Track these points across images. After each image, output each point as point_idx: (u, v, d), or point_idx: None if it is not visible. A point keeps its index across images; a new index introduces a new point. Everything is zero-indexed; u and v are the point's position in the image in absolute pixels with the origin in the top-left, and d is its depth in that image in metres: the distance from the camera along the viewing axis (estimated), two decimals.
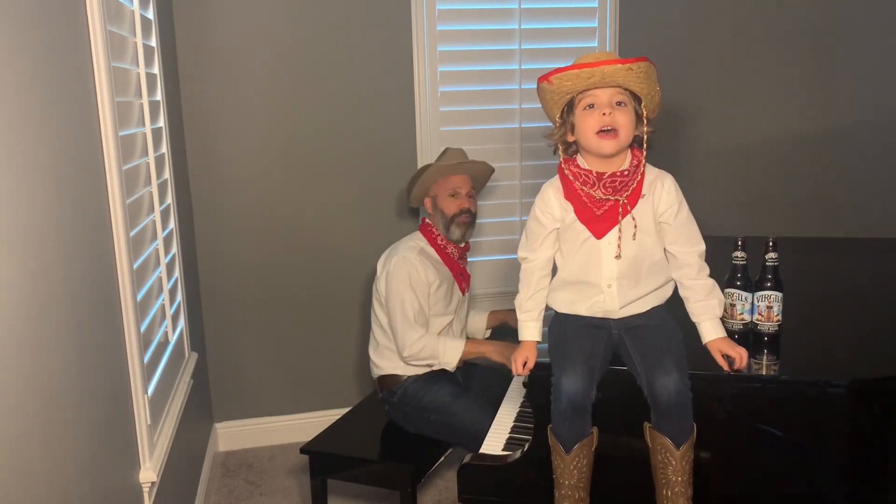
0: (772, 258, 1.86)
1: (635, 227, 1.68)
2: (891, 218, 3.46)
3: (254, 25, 2.90)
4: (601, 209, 1.69)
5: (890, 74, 3.40)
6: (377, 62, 3.01)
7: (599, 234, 1.70)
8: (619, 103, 1.65)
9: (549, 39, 3.10)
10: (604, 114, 1.64)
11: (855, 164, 3.46)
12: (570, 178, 1.71)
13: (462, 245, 2.63)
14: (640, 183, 1.70)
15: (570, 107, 1.70)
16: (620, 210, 1.68)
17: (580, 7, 3.13)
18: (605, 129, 1.64)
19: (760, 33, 3.30)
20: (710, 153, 3.35)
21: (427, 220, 2.62)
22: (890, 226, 3.41)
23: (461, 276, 2.64)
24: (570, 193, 1.72)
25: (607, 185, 1.68)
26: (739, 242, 1.88)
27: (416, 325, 2.45)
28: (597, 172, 1.69)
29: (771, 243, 1.87)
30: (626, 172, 1.69)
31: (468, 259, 2.76)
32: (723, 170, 3.37)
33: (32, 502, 1.16)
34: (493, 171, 2.74)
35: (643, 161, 1.71)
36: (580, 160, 1.73)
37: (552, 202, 1.74)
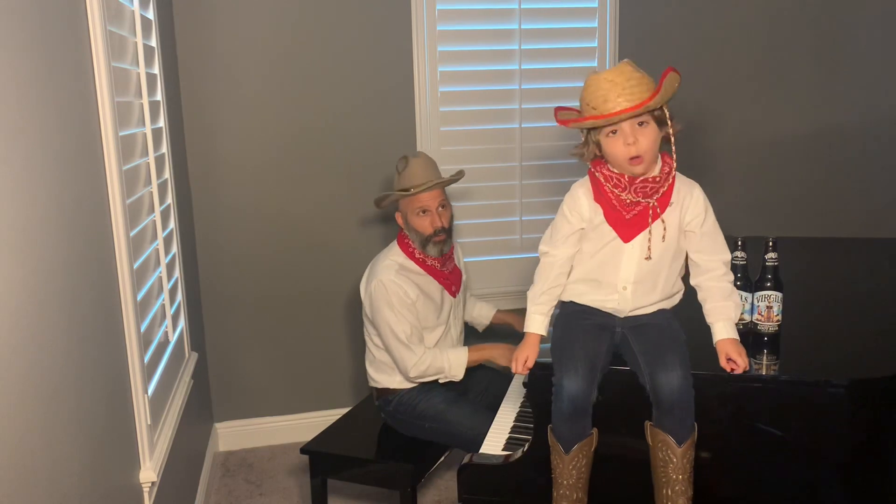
0: (772, 258, 1.86)
1: (664, 228, 1.69)
2: (891, 218, 3.46)
3: (254, 26, 2.90)
4: (630, 213, 1.70)
5: (890, 74, 3.40)
6: (377, 62, 3.01)
7: (626, 238, 1.71)
8: (640, 123, 1.64)
9: (549, 39, 3.09)
10: (628, 143, 1.63)
11: (855, 165, 3.46)
12: (602, 180, 1.72)
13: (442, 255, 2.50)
14: (671, 188, 1.70)
15: (594, 128, 1.70)
16: (651, 213, 1.69)
17: (580, 7, 3.13)
18: (632, 158, 1.64)
19: (760, 34, 3.30)
20: (709, 153, 3.35)
21: (403, 233, 2.50)
22: (890, 226, 3.41)
23: (447, 281, 2.54)
24: (599, 196, 1.72)
25: (638, 189, 1.69)
26: (739, 242, 1.88)
27: (412, 346, 2.39)
28: (629, 177, 1.70)
29: (771, 243, 1.87)
30: (657, 179, 1.69)
31: (462, 257, 2.72)
32: (722, 170, 3.37)
33: (33, 502, 1.16)
34: (462, 174, 2.58)
35: (674, 168, 1.71)
36: (611, 165, 1.73)
37: (582, 201, 1.74)
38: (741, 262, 1.87)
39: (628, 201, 1.69)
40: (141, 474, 1.81)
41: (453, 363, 2.41)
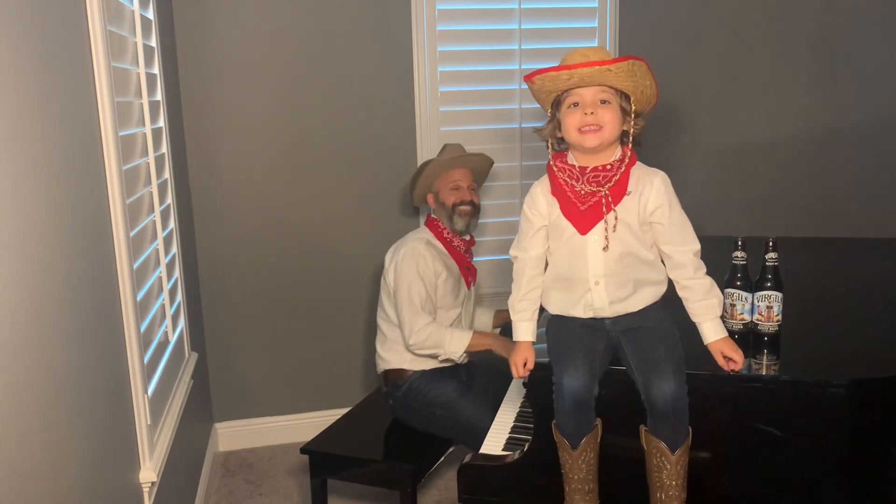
0: (772, 258, 1.85)
1: (616, 219, 1.68)
2: (891, 218, 3.46)
3: (254, 25, 2.90)
4: (585, 205, 1.69)
5: (890, 74, 3.40)
6: (377, 62, 3.01)
7: (584, 230, 1.70)
8: (603, 101, 1.65)
9: (549, 39, 3.09)
10: (586, 113, 1.64)
11: (855, 164, 3.46)
12: (556, 171, 1.73)
13: (467, 238, 2.65)
14: (624, 177, 1.69)
15: (558, 104, 1.71)
16: (604, 203, 1.68)
17: (580, 7, 3.13)
18: (588, 126, 1.64)
19: (760, 33, 3.30)
20: (709, 153, 3.35)
21: (432, 216, 2.65)
22: (890, 226, 3.42)
23: (468, 270, 2.65)
24: (556, 189, 1.73)
25: (590, 178, 1.69)
26: (739, 242, 1.88)
27: (422, 313, 2.45)
28: (580, 167, 1.70)
29: (771, 243, 1.86)
30: (608, 167, 1.69)
31: (473, 254, 2.77)
32: (723, 169, 3.37)
33: (32, 502, 1.16)
34: (492, 163, 2.77)
35: (629, 156, 1.70)
36: (569, 156, 1.74)
37: (539, 198, 1.76)
38: (741, 262, 1.87)
39: (583, 192, 1.69)
40: (141, 474, 1.81)
41: (454, 340, 2.45)
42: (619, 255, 1.70)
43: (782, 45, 3.33)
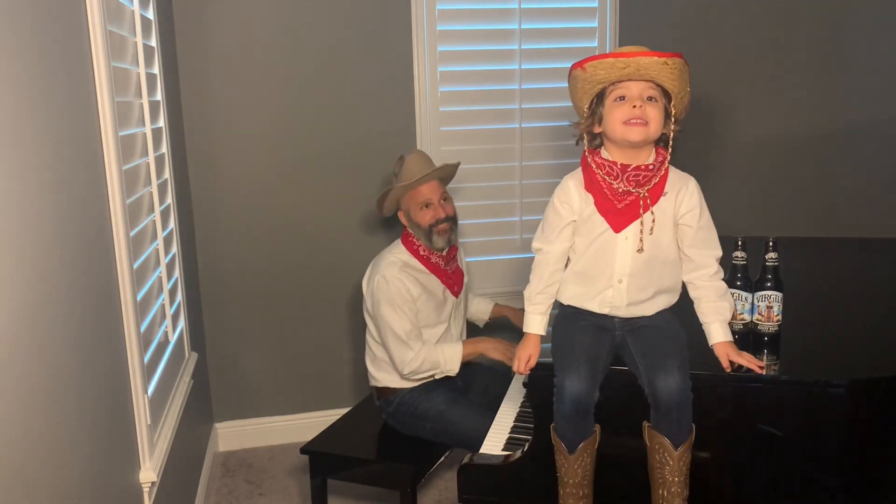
0: (772, 258, 1.86)
1: (653, 221, 1.68)
2: (891, 218, 3.46)
3: (254, 25, 2.90)
4: (622, 203, 1.68)
5: (891, 75, 3.40)
6: (377, 62, 3.01)
7: (618, 228, 1.69)
8: (649, 98, 1.64)
9: (549, 39, 3.09)
10: (634, 106, 1.62)
11: (855, 165, 3.46)
12: (594, 167, 1.70)
13: (446, 251, 2.51)
14: (663, 179, 1.69)
15: (599, 98, 1.69)
16: (641, 204, 1.67)
17: (580, 7, 3.13)
18: (635, 119, 1.62)
19: (761, 34, 3.30)
20: (709, 153, 3.35)
21: (408, 230, 2.51)
22: (890, 226, 3.41)
23: (450, 281, 2.55)
24: (591, 185, 1.71)
25: (631, 177, 1.67)
26: (739, 242, 1.88)
27: (409, 343, 2.39)
28: (621, 164, 1.67)
29: (771, 243, 1.87)
30: (650, 167, 1.67)
31: (464, 258, 2.73)
32: (722, 169, 3.37)
33: (33, 502, 1.16)
34: (458, 164, 2.59)
35: (668, 158, 1.70)
36: (604, 152, 1.72)
37: (572, 193, 1.73)
38: (741, 262, 1.87)
39: (620, 190, 1.67)
40: (141, 474, 1.81)
41: (448, 357, 2.42)
42: (647, 258, 1.70)
43: (784, 45, 3.32)
